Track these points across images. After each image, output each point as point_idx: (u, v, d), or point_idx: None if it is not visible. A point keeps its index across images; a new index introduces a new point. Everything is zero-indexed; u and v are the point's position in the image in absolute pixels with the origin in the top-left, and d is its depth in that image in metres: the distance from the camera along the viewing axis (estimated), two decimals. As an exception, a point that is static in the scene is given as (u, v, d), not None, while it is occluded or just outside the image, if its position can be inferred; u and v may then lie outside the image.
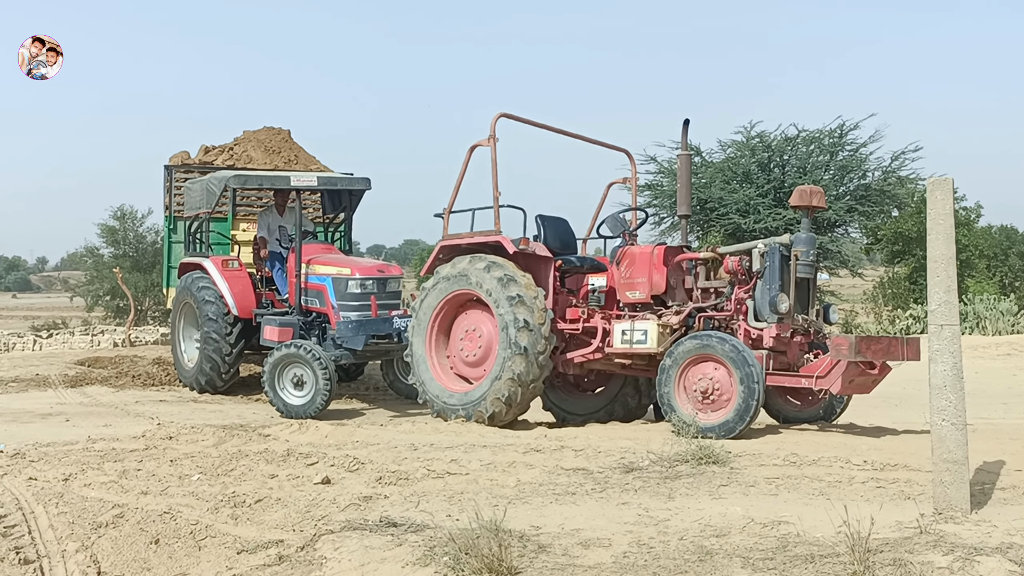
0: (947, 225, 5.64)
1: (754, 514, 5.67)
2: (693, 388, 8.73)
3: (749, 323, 9.02)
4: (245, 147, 17.36)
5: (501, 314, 9.54)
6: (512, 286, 9.52)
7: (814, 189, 9.09)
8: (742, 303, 9.15)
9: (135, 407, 12.27)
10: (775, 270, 8.95)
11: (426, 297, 10.38)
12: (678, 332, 9.31)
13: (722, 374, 8.58)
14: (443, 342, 10.41)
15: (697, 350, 8.73)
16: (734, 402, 8.43)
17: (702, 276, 9.62)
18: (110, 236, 37.47)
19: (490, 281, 9.67)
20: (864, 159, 28.76)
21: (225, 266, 13.45)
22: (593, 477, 6.91)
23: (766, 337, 8.85)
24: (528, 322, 9.37)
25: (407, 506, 6.19)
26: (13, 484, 7.17)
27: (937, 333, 5.61)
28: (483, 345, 9.94)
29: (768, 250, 9.05)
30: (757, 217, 27.16)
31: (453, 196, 10.46)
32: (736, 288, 9.25)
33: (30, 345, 21.26)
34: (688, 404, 8.75)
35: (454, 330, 10.34)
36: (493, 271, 9.69)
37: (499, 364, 9.55)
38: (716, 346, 8.60)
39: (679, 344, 8.92)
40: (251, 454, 8.09)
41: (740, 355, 8.43)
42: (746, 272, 9.20)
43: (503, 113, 10.18)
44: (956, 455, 5.56)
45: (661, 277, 9.61)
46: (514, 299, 9.45)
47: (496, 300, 9.60)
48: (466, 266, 9.98)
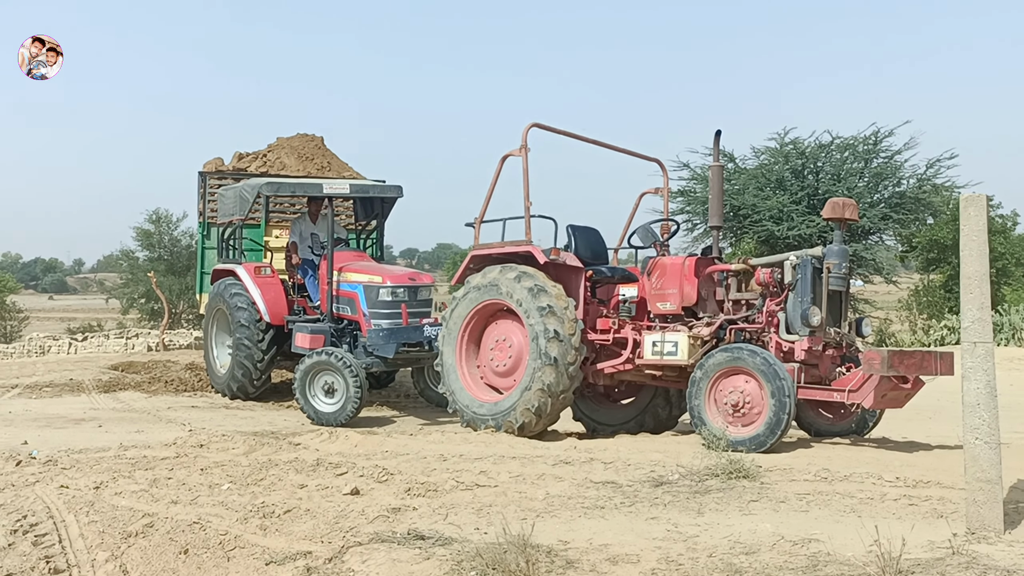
0: (980, 241, 5.58)
1: (784, 531, 5.62)
2: (723, 401, 8.66)
3: (780, 336, 8.95)
4: (279, 154, 17.48)
5: (531, 324, 9.53)
6: (543, 296, 9.51)
7: (847, 201, 9.01)
8: (773, 315, 9.08)
9: (167, 413, 12.36)
10: (807, 282, 8.88)
11: (456, 306, 10.37)
12: (709, 344, 9.26)
13: (753, 387, 8.51)
14: (473, 352, 10.40)
15: (728, 363, 8.67)
16: (765, 416, 8.36)
17: (733, 288, 9.56)
18: (145, 239, 37.86)
19: (520, 291, 9.65)
20: (899, 166, 28.53)
21: (257, 273, 13.53)
22: (622, 491, 6.87)
23: (798, 350, 8.79)
24: (558, 332, 9.36)
25: (435, 518, 6.18)
26: (45, 492, 7.22)
27: (970, 351, 5.54)
28: (513, 355, 9.93)
29: (800, 262, 8.97)
30: (791, 224, 27.00)
31: (484, 206, 10.45)
32: (768, 300, 9.18)
33: (66, 348, 21.49)
34: (719, 417, 8.69)
35: (484, 340, 10.34)
36: (524, 281, 9.68)
37: (529, 374, 9.54)
38: (747, 359, 8.54)
39: (710, 356, 8.86)
40: (281, 463, 8.12)
41: (771, 368, 8.36)
42: (778, 284, 9.12)
43: (535, 123, 10.16)
44: (989, 474, 5.49)
45: (692, 288, 9.56)
46: (544, 309, 9.44)
47: (526, 310, 9.59)
48: (496, 276, 9.97)
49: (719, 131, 10.22)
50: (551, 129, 10.45)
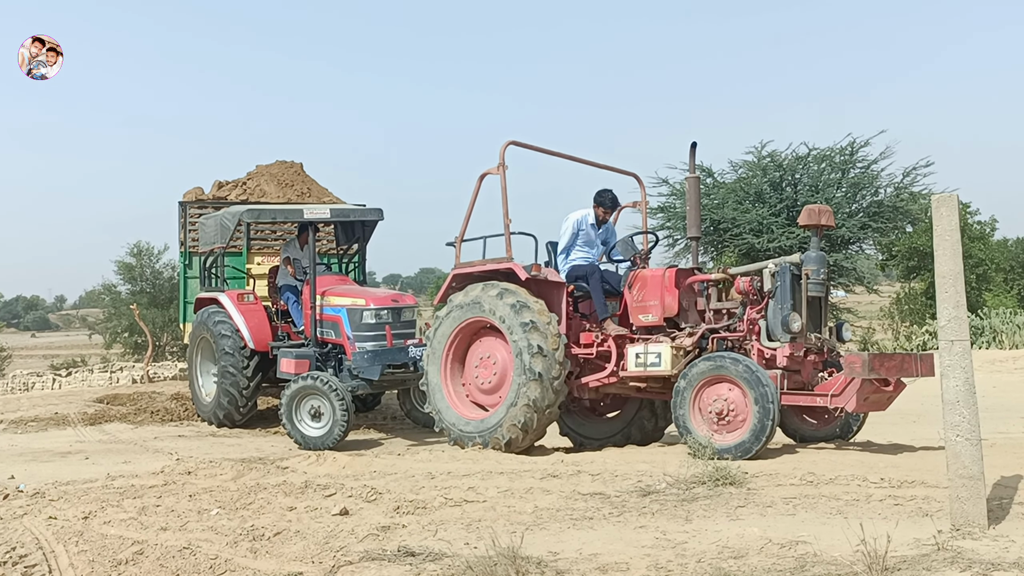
0: (953, 240, 5.66)
1: (772, 535, 5.67)
2: (708, 409, 8.71)
3: (762, 343, 9.02)
4: (258, 181, 17.48)
5: (515, 340, 9.57)
6: (525, 312, 9.55)
7: (822, 208, 9.10)
8: (754, 323, 9.15)
9: (154, 443, 12.33)
10: (786, 289, 8.95)
11: (440, 325, 10.39)
12: (692, 354, 9.32)
13: (737, 395, 8.57)
14: (458, 370, 10.43)
15: (711, 371, 8.72)
16: (749, 423, 8.42)
17: (714, 297, 9.63)
18: (127, 273, 37.74)
19: (503, 308, 9.70)
20: (876, 176, 28.77)
21: (241, 300, 13.54)
22: (610, 501, 6.91)
23: (779, 357, 8.85)
24: (542, 348, 9.40)
25: (425, 535, 6.20)
26: (33, 523, 7.20)
27: (948, 348, 5.62)
28: (498, 372, 9.96)
29: (779, 270, 9.06)
30: (771, 236, 27.18)
31: (464, 224, 10.50)
32: (748, 308, 9.25)
33: (50, 384, 21.37)
34: (703, 426, 8.73)
35: (469, 358, 10.37)
36: (506, 298, 9.73)
37: (514, 390, 9.57)
38: (730, 367, 8.60)
39: (693, 366, 8.91)
40: (269, 487, 8.12)
41: (754, 375, 8.42)
42: (757, 292, 9.20)
43: (512, 141, 10.22)
44: (972, 470, 5.55)
45: (673, 299, 9.62)
46: (527, 325, 9.48)
47: (510, 327, 9.63)
48: (479, 293, 10.01)
49: (694, 143, 10.30)
50: (528, 146, 10.50)
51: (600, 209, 10.57)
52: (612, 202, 10.64)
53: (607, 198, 10.60)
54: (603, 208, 10.58)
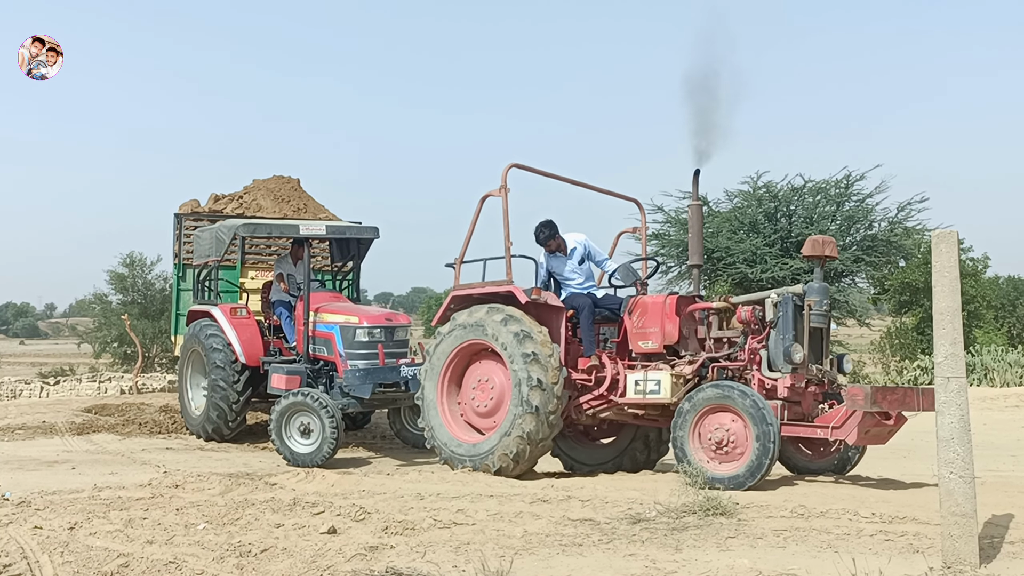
0: (952, 277, 5.66)
1: (762, 567, 5.64)
2: (708, 437, 8.66)
3: (763, 373, 8.95)
4: (255, 195, 17.47)
5: (515, 370, 9.47)
6: (528, 343, 9.45)
7: (826, 239, 9.04)
8: (755, 353, 9.08)
9: (141, 455, 12.26)
10: (788, 320, 8.90)
11: (440, 343, 10.30)
12: (692, 382, 9.27)
13: (739, 427, 8.51)
14: (455, 389, 10.34)
15: (717, 399, 8.66)
16: (747, 457, 8.38)
17: (715, 326, 9.55)
18: (119, 283, 37.55)
19: (506, 335, 9.58)
20: (870, 209, 28.89)
21: (233, 314, 13.51)
22: (600, 528, 6.88)
23: (780, 387, 8.79)
24: (542, 381, 9.31)
25: (413, 556, 6.17)
26: (18, 533, 7.15)
27: (944, 385, 5.61)
28: (495, 396, 9.88)
29: (781, 300, 9.01)
30: (764, 267, 27.24)
31: (464, 246, 10.42)
32: (749, 338, 9.19)
33: (37, 392, 21.25)
34: (700, 451, 8.69)
35: (466, 378, 10.29)
36: (510, 325, 9.61)
37: (509, 420, 9.49)
38: (737, 399, 8.53)
39: (700, 390, 8.85)
40: (257, 503, 8.08)
41: (760, 412, 8.34)
42: (759, 322, 9.15)
43: (514, 163, 10.18)
44: (965, 508, 5.54)
45: (674, 327, 9.55)
46: (529, 356, 9.38)
47: (511, 355, 9.53)
48: (483, 316, 9.91)
49: (697, 171, 10.24)
50: (530, 169, 10.45)
51: (551, 243, 10.42)
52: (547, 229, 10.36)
53: (539, 232, 10.38)
54: (552, 240, 10.41)
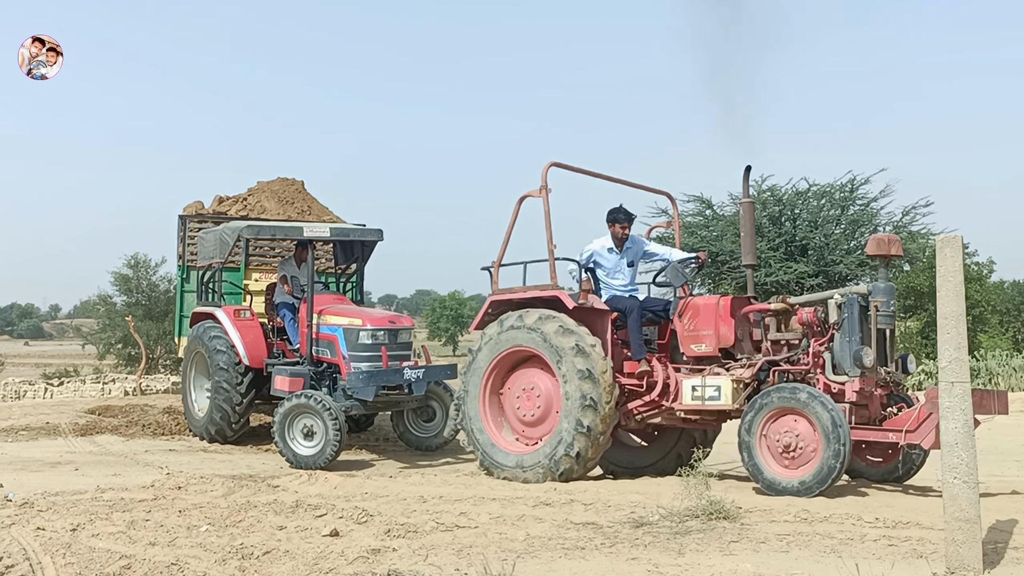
0: (957, 282, 5.65)
1: (764, 571, 5.63)
2: (776, 440, 8.38)
3: (828, 376, 8.61)
4: (259, 197, 17.47)
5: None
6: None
7: (892, 237, 8.71)
8: (819, 356, 8.78)
9: (145, 456, 12.27)
10: (854, 321, 8.61)
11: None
12: (751, 387, 9.01)
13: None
14: (496, 395, 10.06)
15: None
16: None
17: (772, 328, 9.28)
18: (123, 284, 37.59)
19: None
20: (875, 213, 28.85)
21: (237, 316, 13.50)
22: (603, 532, 6.87)
23: (848, 391, 8.45)
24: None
25: (415, 559, 6.16)
26: (21, 534, 7.15)
27: (948, 390, 5.60)
28: (542, 406, 9.62)
29: (846, 301, 8.70)
30: (768, 271, 27.20)
31: (502, 249, 10.11)
32: (812, 340, 8.90)
33: (41, 393, 21.29)
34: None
35: (510, 385, 10.01)
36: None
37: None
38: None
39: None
40: (260, 505, 8.08)
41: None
42: (821, 324, 8.89)
43: (554, 162, 9.87)
44: (968, 513, 5.52)
45: (729, 329, 9.29)
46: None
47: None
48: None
49: (749, 167, 9.90)
50: (570, 168, 10.08)
51: (617, 226, 10.18)
52: (626, 215, 10.20)
53: (621, 212, 10.17)
54: (619, 224, 10.19)
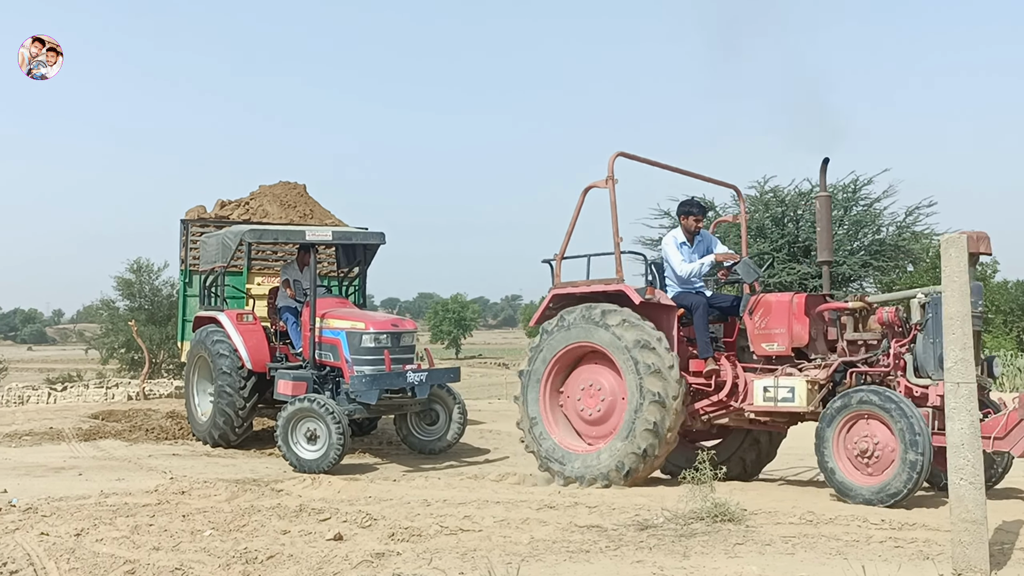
0: (962, 282, 5.63)
1: (770, 573, 5.61)
2: (853, 445, 8.10)
3: (909, 379, 8.29)
4: (261, 201, 17.48)
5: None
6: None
7: (980, 235, 7.96)
8: (900, 357, 8.43)
9: (148, 461, 12.26)
10: (939, 322, 7.91)
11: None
12: (825, 389, 8.71)
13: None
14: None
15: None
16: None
17: (849, 327, 8.94)
18: (126, 289, 37.71)
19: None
20: (878, 214, 28.83)
21: (240, 320, 13.49)
22: (607, 534, 6.85)
23: (932, 395, 8.06)
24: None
25: (419, 563, 6.14)
26: (25, 539, 7.14)
27: (953, 391, 5.58)
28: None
29: (930, 300, 8.30)
30: (771, 272, 27.18)
31: (565, 241, 9.90)
32: (892, 341, 8.54)
33: (44, 398, 21.31)
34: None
35: (571, 382, 9.83)
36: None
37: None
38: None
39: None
40: (263, 509, 8.06)
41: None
42: (903, 324, 8.56)
43: (621, 152, 9.55)
44: (975, 515, 5.50)
45: (803, 328, 8.99)
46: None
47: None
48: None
49: (826, 159, 9.53)
50: (636, 158, 9.78)
51: (690, 219, 9.96)
52: (700, 208, 10.05)
53: (694, 205, 10.02)
54: (693, 217, 9.97)
